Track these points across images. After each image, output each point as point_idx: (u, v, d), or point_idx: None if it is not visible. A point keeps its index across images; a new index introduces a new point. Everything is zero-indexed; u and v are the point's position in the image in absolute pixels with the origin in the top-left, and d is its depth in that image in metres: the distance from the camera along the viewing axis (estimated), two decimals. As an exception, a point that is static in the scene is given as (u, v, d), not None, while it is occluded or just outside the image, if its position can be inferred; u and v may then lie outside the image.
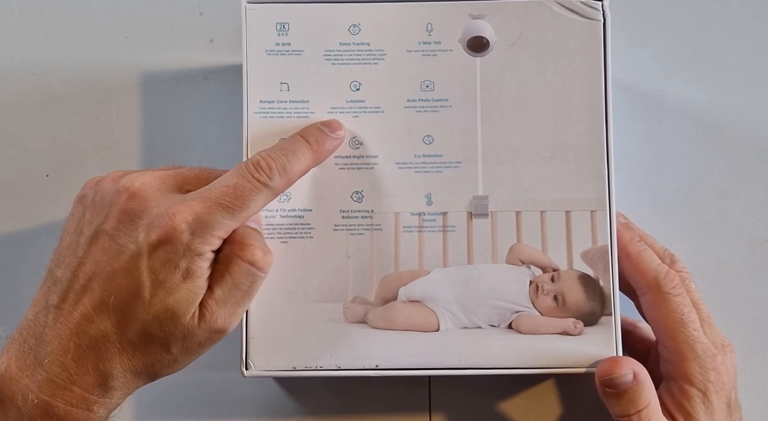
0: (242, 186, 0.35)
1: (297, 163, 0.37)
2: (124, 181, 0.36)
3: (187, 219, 0.34)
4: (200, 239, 0.34)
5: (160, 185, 0.36)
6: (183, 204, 0.34)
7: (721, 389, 0.38)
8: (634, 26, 0.47)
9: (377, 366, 0.39)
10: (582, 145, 0.40)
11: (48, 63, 0.47)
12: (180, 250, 0.34)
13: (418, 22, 0.40)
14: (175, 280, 0.34)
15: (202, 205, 0.34)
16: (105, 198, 0.36)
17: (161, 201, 0.35)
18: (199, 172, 0.38)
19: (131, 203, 0.35)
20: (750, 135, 0.47)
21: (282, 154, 0.37)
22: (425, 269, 0.40)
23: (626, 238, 0.40)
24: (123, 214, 0.35)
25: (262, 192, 0.36)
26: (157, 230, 0.34)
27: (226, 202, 0.35)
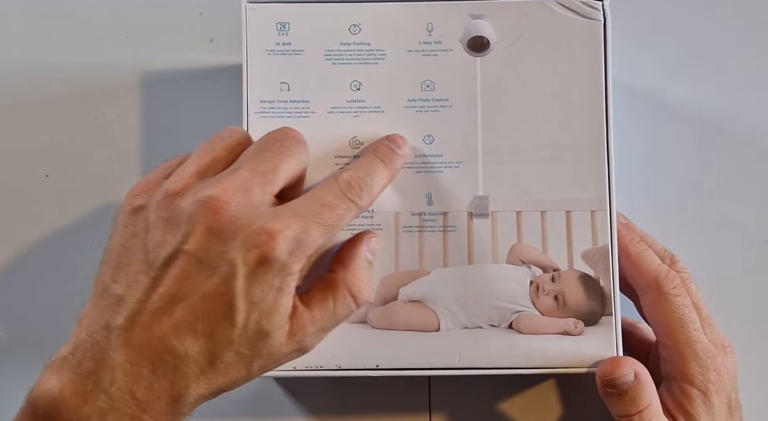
0: (338, 205, 0.34)
1: (378, 182, 0.36)
2: (206, 191, 0.32)
3: (287, 238, 0.32)
4: (296, 259, 0.32)
5: (246, 197, 0.32)
6: (279, 221, 0.32)
7: (722, 389, 0.38)
8: (634, 26, 0.47)
9: (377, 366, 0.39)
10: (582, 145, 0.40)
11: (48, 63, 0.47)
12: (276, 270, 0.32)
13: (419, 22, 0.40)
14: (269, 301, 0.32)
15: (300, 224, 0.32)
16: (180, 215, 0.32)
17: (253, 217, 0.32)
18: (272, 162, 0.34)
19: (218, 220, 0.32)
20: (750, 135, 0.47)
21: (366, 173, 0.36)
22: (425, 269, 0.40)
23: (627, 238, 0.40)
24: (210, 233, 0.32)
25: (352, 210, 0.34)
26: (256, 250, 0.31)
27: (322, 221, 0.33)
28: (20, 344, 0.45)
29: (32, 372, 0.37)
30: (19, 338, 0.45)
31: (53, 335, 0.35)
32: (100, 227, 0.45)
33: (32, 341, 0.45)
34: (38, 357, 0.43)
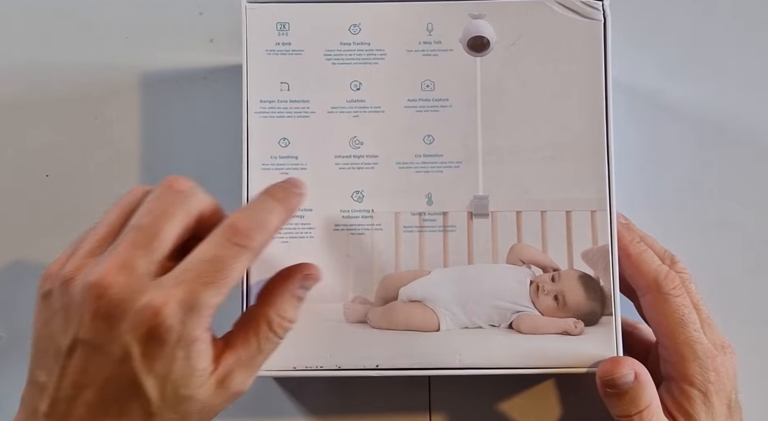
0: (221, 256, 0.32)
1: (272, 219, 0.34)
2: (89, 277, 0.32)
3: (173, 309, 0.31)
4: (191, 325, 0.32)
5: (128, 275, 0.32)
6: (163, 293, 0.31)
7: (722, 389, 0.38)
8: (634, 26, 0.47)
9: (377, 366, 0.39)
10: (582, 145, 0.40)
11: (48, 63, 0.47)
12: (173, 342, 0.31)
13: (419, 22, 0.40)
14: (179, 371, 0.32)
15: (185, 290, 0.31)
16: (73, 303, 0.32)
17: (137, 295, 0.32)
18: (153, 229, 0.33)
19: (104, 306, 0.31)
20: (750, 135, 0.47)
21: (255, 212, 0.34)
22: (425, 269, 0.40)
23: (627, 239, 0.40)
24: (98, 319, 0.32)
25: (244, 256, 0.33)
26: (144, 328, 0.31)
27: (209, 279, 0.32)
28: (20, 344, 0.45)
29: (32, 372, 0.37)
30: (19, 338, 0.45)
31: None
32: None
33: (32, 341, 0.45)
34: (38, 357, 0.43)
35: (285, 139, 0.40)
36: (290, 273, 0.36)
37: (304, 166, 0.40)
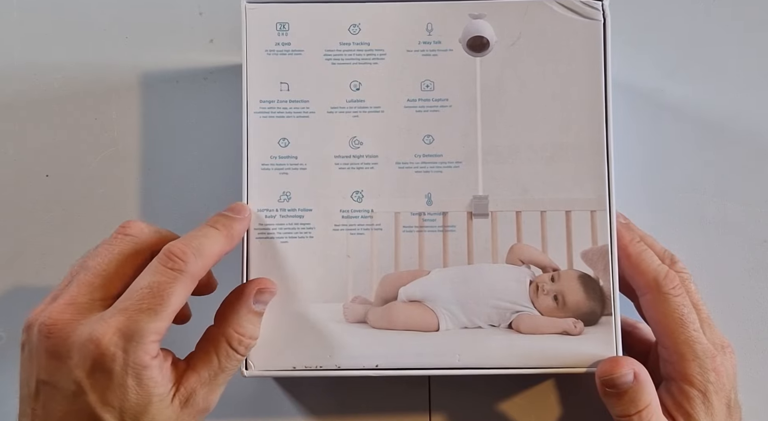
0: (157, 282, 0.33)
1: (210, 244, 0.36)
2: (39, 323, 0.34)
3: (113, 339, 0.32)
4: (135, 352, 0.32)
5: (73, 313, 0.34)
6: (102, 324, 0.33)
7: (721, 389, 0.38)
8: (634, 26, 0.47)
9: (377, 366, 0.39)
10: (582, 145, 0.40)
11: (48, 63, 0.47)
12: (119, 371, 0.32)
13: (418, 22, 0.40)
14: (134, 398, 0.33)
15: (123, 318, 0.33)
16: (32, 347, 0.34)
17: (81, 330, 0.33)
18: (97, 269, 0.35)
19: (52, 344, 0.33)
20: (750, 135, 0.47)
21: (193, 238, 0.35)
22: (425, 269, 0.40)
23: (626, 238, 0.40)
24: (50, 358, 0.33)
25: (180, 280, 0.34)
26: (90, 360, 0.32)
27: (146, 306, 0.33)
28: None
29: (32, 372, 0.37)
30: (19, 339, 0.45)
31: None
32: (100, 227, 0.45)
33: (32, 340, 0.45)
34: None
35: (285, 139, 0.40)
36: (244, 290, 0.37)
37: (304, 167, 0.40)
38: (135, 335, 0.33)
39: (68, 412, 0.33)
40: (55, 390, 0.33)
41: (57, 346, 0.33)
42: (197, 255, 0.35)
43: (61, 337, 0.33)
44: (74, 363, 0.33)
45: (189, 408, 0.34)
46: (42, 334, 0.33)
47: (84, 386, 0.32)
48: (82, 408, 0.32)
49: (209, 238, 0.36)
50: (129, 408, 0.33)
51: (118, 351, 0.32)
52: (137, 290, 0.33)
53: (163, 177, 0.46)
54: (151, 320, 0.33)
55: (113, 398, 0.32)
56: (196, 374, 0.35)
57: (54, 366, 0.33)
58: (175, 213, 0.46)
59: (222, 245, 0.37)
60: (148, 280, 0.34)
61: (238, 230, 0.38)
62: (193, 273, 0.35)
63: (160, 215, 0.46)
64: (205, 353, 0.35)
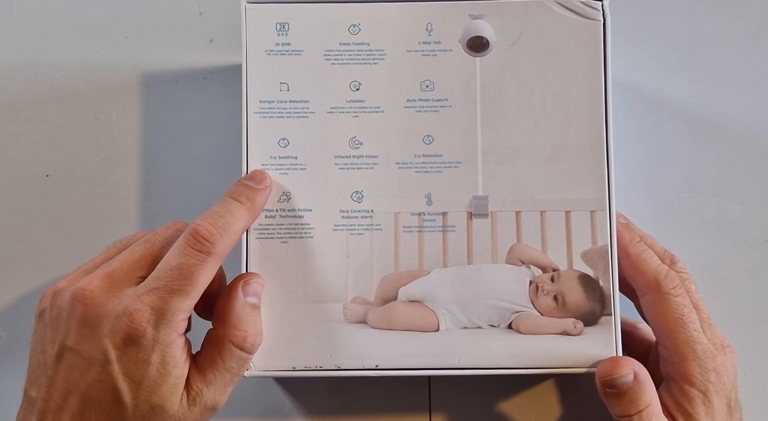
0: (186, 265, 0.34)
1: (235, 222, 0.36)
2: (74, 290, 0.35)
3: (145, 315, 0.33)
4: (165, 330, 0.34)
5: (110, 285, 0.35)
6: (136, 300, 0.34)
7: (722, 389, 0.38)
8: (634, 26, 0.47)
9: (377, 366, 0.39)
10: (582, 145, 0.40)
11: (48, 63, 0.47)
12: (148, 346, 0.34)
13: (418, 22, 0.40)
14: (153, 376, 0.34)
15: (155, 297, 0.34)
16: (61, 313, 0.35)
17: (115, 303, 0.34)
18: (143, 251, 0.36)
19: (86, 313, 0.34)
20: (750, 135, 0.47)
21: (218, 216, 0.36)
22: (425, 269, 0.40)
23: (626, 238, 0.40)
24: (81, 326, 0.34)
25: (208, 262, 0.35)
26: (119, 333, 0.33)
27: (176, 287, 0.34)
28: (20, 345, 0.45)
29: (32, 372, 0.37)
30: (19, 339, 0.45)
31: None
32: (101, 227, 0.45)
33: (32, 340, 0.45)
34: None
35: (285, 139, 0.40)
36: (231, 286, 0.38)
37: (304, 167, 0.40)
38: (166, 314, 0.34)
39: (92, 382, 0.33)
40: (81, 357, 0.34)
41: (90, 314, 0.34)
42: (224, 235, 0.35)
43: (95, 306, 0.34)
44: (105, 333, 0.33)
45: (196, 406, 0.35)
46: (77, 301, 0.34)
47: (111, 356, 0.33)
48: (104, 378, 0.33)
49: (234, 215, 0.37)
50: (146, 384, 0.33)
51: (149, 327, 0.33)
52: (167, 270, 0.34)
53: (163, 177, 0.46)
54: (180, 300, 0.34)
55: (135, 372, 0.33)
56: (202, 375, 0.35)
57: (84, 334, 0.34)
58: (175, 213, 0.46)
59: (246, 219, 0.38)
60: (177, 261, 0.34)
61: (261, 201, 0.39)
62: (221, 253, 0.35)
63: (160, 215, 0.46)
64: (209, 355, 0.36)
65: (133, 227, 0.46)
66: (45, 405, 0.34)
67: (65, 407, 0.34)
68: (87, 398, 0.33)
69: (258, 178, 0.39)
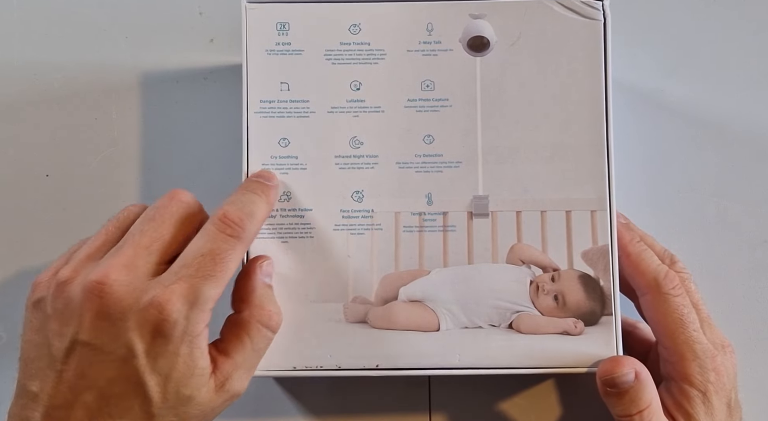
0: (217, 249, 0.33)
1: (258, 210, 0.36)
2: (87, 283, 0.32)
3: (176, 306, 0.32)
4: (195, 320, 0.32)
5: (128, 276, 0.33)
6: (165, 290, 0.32)
7: (722, 389, 0.38)
8: (634, 26, 0.47)
9: (377, 366, 0.39)
10: (582, 145, 0.40)
11: (48, 63, 0.47)
12: (178, 338, 0.32)
13: (419, 22, 0.40)
14: (181, 368, 0.32)
15: (186, 285, 0.32)
16: (70, 305, 0.33)
17: (139, 293, 0.32)
18: (153, 233, 0.34)
19: (105, 304, 0.32)
20: (750, 135, 0.47)
21: (242, 204, 0.35)
22: (425, 268, 0.40)
23: (626, 238, 0.40)
24: (99, 319, 0.32)
25: (238, 247, 0.34)
26: (149, 325, 0.32)
27: (208, 273, 0.33)
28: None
29: (32, 372, 0.37)
30: (19, 339, 0.45)
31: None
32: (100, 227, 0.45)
33: (32, 341, 0.45)
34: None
35: (285, 139, 0.40)
36: (250, 268, 0.37)
37: (304, 167, 0.40)
38: (197, 302, 0.32)
39: (112, 377, 0.32)
40: (98, 352, 0.32)
41: (110, 307, 0.32)
42: (251, 222, 0.35)
43: (116, 298, 0.32)
44: (129, 327, 0.32)
45: (223, 392, 0.34)
46: (92, 293, 0.32)
47: (136, 350, 0.32)
48: (128, 373, 0.32)
49: (256, 203, 0.36)
50: (175, 377, 0.32)
51: (181, 318, 0.32)
52: (196, 256, 0.33)
53: (163, 177, 0.46)
54: (212, 286, 0.33)
55: (163, 365, 0.32)
56: (230, 359, 0.34)
57: (102, 328, 0.32)
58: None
59: (265, 211, 0.37)
60: (208, 246, 0.33)
61: (274, 197, 0.38)
62: (249, 239, 0.35)
63: (160, 215, 0.46)
64: (236, 338, 0.35)
65: (133, 226, 0.46)
66: (52, 401, 0.32)
67: (78, 403, 0.32)
68: (106, 393, 0.32)
69: (267, 176, 0.39)
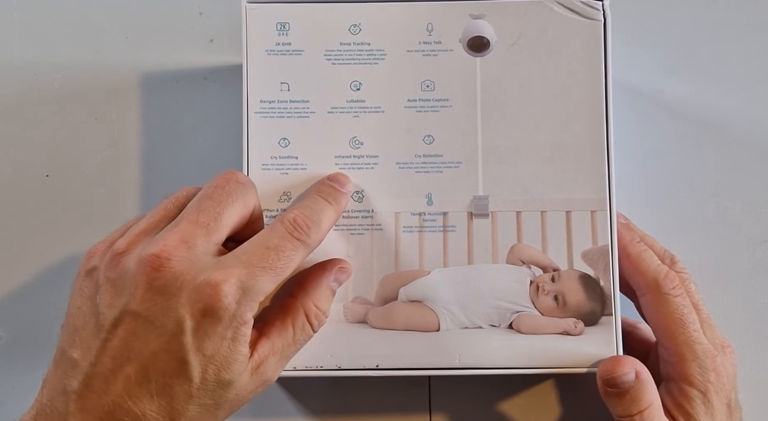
0: (284, 247, 0.33)
1: (326, 219, 0.36)
2: (148, 249, 0.32)
3: (232, 288, 0.32)
4: (245, 307, 0.32)
5: (188, 250, 0.33)
6: (224, 271, 0.32)
7: (722, 389, 0.38)
8: (634, 26, 0.47)
9: (377, 366, 0.39)
10: (582, 145, 0.40)
11: (48, 63, 0.47)
12: (226, 321, 0.32)
13: (419, 22, 0.40)
14: (224, 352, 0.32)
15: (246, 272, 0.32)
16: (125, 276, 0.33)
17: (196, 271, 0.32)
18: (213, 211, 0.34)
19: (161, 278, 0.32)
20: (750, 135, 0.47)
21: (312, 212, 0.35)
22: (425, 269, 0.40)
23: (626, 238, 0.40)
24: (153, 291, 0.32)
25: (301, 251, 0.34)
26: (201, 303, 0.31)
27: (269, 266, 0.33)
28: (20, 345, 0.45)
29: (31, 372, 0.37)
30: (19, 339, 0.45)
31: (52, 336, 0.35)
32: (101, 227, 0.45)
33: (32, 341, 0.45)
34: (38, 357, 0.43)
35: (285, 139, 0.40)
36: (326, 266, 0.37)
37: (304, 167, 0.40)
38: (251, 291, 0.32)
39: (157, 351, 0.31)
40: (147, 324, 0.31)
41: (166, 280, 0.32)
42: (317, 231, 0.35)
43: (174, 273, 0.32)
44: (182, 302, 0.31)
45: (257, 376, 0.34)
46: (149, 265, 0.32)
47: (185, 326, 0.31)
48: (174, 349, 0.31)
49: (325, 212, 0.36)
50: (217, 360, 0.32)
51: (232, 302, 0.32)
52: (262, 248, 0.33)
53: (163, 177, 0.46)
54: (269, 279, 0.33)
55: (209, 346, 0.32)
56: (270, 342, 0.34)
57: (154, 300, 0.32)
58: (175, 213, 0.46)
59: (333, 220, 0.37)
60: (275, 242, 0.33)
61: (344, 205, 0.38)
62: (313, 247, 0.35)
63: (160, 215, 0.46)
64: (282, 322, 0.35)
65: (133, 227, 0.46)
66: (92, 369, 0.32)
67: (118, 374, 0.31)
68: (148, 366, 0.31)
69: (342, 182, 0.38)
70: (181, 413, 0.32)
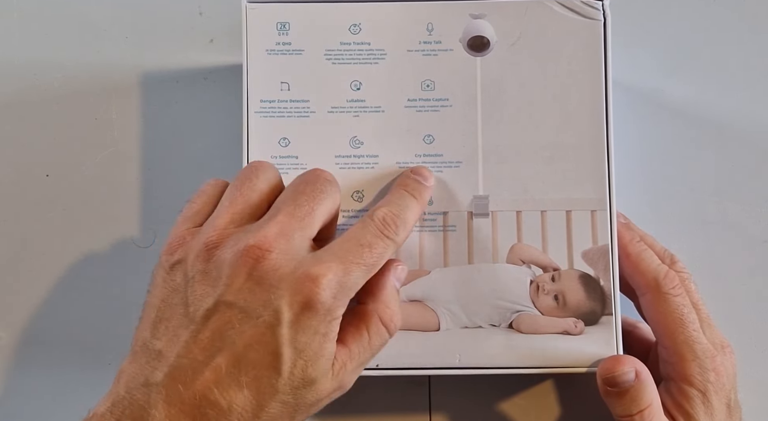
0: (376, 244, 0.33)
1: (411, 216, 0.36)
2: (247, 241, 0.32)
3: (331, 283, 0.31)
4: (340, 303, 0.32)
5: (287, 243, 0.32)
6: (322, 265, 0.32)
7: (721, 389, 0.38)
8: (634, 26, 0.47)
9: (377, 366, 0.39)
10: (582, 145, 0.40)
11: (48, 63, 0.47)
12: (321, 315, 0.31)
13: (419, 22, 0.40)
14: (314, 347, 0.32)
15: (342, 267, 0.32)
16: (221, 267, 0.32)
17: (295, 263, 0.32)
18: (309, 205, 0.34)
19: (261, 269, 0.32)
20: (750, 135, 0.47)
21: (399, 209, 0.36)
22: (425, 268, 0.40)
23: (626, 238, 0.40)
24: (252, 282, 0.31)
25: (390, 249, 0.34)
26: (300, 296, 0.31)
27: (363, 262, 0.33)
28: (20, 344, 0.45)
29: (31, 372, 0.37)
30: (19, 339, 0.45)
31: (53, 336, 0.35)
32: (100, 227, 0.45)
33: (32, 341, 0.45)
34: (38, 357, 0.43)
35: (285, 139, 0.40)
36: (385, 267, 0.36)
37: (304, 167, 0.40)
38: (346, 287, 0.32)
39: (251, 342, 0.31)
40: (243, 315, 0.31)
41: (266, 272, 0.31)
42: (405, 228, 0.35)
43: (273, 265, 0.32)
44: (281, 294, 0.31)
45: (336, 380, 0.33)
46: (249, 256, 0.32)
47: (283, 318, 0.31)
48: (269, 340, 0.31)
49: (411, 209, 0.36)
50: (307, 355, 0.32)
51: (330, 297, 0.31)
52: (356, 244, 0.33)
53: (163, 177, 0.46)
54: (362, 275, 0.33)
55: (302, 339, 0.31)
56: (347, 348, 0.34)
57: (252, 290, 0.31)
58: (175, 213, 0.46)
59: (418, 216, 0.37)
60: (368, 239, 0.34)
61: (427, 199, 0.39)
62: (399, 244, 0.35)
63: (160, 215, 0.46)
64: (356, 329, 0.35)
65: (134, 227, 0.46)
66: (180, 361, 0.31)
67: (209, 366, 0.31)
68: (241, 357, 0.31)
69: (425, 175, 0.39)
70: (264, 408, 0.31)
